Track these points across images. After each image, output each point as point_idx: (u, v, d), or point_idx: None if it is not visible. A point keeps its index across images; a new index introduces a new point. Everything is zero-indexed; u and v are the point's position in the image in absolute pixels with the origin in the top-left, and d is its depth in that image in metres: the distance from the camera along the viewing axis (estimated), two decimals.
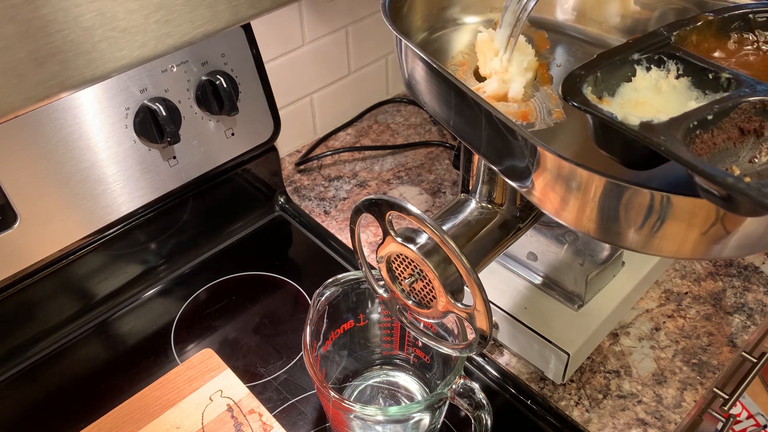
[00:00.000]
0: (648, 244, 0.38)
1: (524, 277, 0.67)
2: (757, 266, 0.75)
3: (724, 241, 0.37)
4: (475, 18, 0.58)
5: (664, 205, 0.36)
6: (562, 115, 0.48)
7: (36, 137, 0.60)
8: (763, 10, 0.42)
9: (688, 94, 0.40)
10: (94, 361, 0.69)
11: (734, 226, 0.36)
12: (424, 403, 0.51)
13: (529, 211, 0.55)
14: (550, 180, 0.39)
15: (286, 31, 0.85)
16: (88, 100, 0.62)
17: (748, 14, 0.42)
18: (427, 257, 0.47)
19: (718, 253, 0.38)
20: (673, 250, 0.38)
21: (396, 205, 0.46)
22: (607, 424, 0.61)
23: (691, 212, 0.36)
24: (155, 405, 0.62)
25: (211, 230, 0.81)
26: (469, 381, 0.51)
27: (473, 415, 0.51)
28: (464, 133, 0.46)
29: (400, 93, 1.07)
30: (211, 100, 0.70)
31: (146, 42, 0.30)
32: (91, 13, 0.28)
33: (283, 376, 0.66)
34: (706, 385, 0.63)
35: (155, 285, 0.76)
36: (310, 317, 0.56)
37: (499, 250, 0.55)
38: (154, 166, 0.69)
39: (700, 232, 0.36)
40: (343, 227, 0.83)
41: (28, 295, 0.67)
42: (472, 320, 0.47)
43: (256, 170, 0.82)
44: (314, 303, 0.56)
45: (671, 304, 0.71)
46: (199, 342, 0.70)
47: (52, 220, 0.64)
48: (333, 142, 0.97)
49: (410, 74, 0.48)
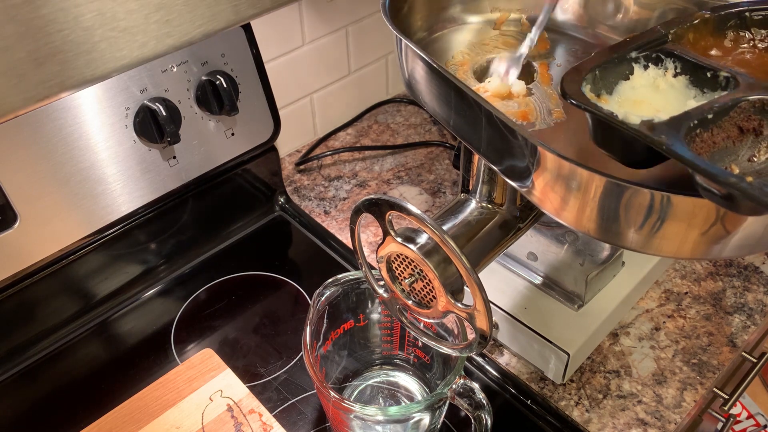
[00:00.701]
0: (648, 244, 0.38)
1: (524, 277, 0.67)
2: (757, 266, 0.75)
3: (724, 241, 0.37)
4: (475, 18, 0.58)
5: (665, 205, 0.36)
6: (562, 114, 0.48)
7: (36, 137, 0.60)
8: (758, 8, 0.42)
9: (686, 93, 0.40)
10: (94, 361, 0.69)
11: (734, 226, 0.36)
12: (424, 403, 0.51)
13: (529, 211, 0.55)
14: (550, 180, 0.39)
15: (286, 31, 0.85)
16: (88, 100, 0.62)
17: (744, 12, 0.42)
18: (427, 257, 0.47)
19: (718, 253, 0.38)
20: (673, 250, 0.38)
21: (396, 205, 0.46)
22: (607, 424, 0.61)
23: (691, 212, 0.36)
24: (155, 405, 0.62)
25: (211, 230, 0.81)
26: (469, 381, 0.51)
27: (473, 415, 0.51)
28: (464, 133, 0.46)
29: (400, 93, 1.07)
30: (211, 100, 0.70)
31: (146, 42, 0.30)
32: (91, 13, 0.28)
33: (283, 376, 0.66)
34: (706, 385, 0.63)
35: (155, 285, 0.76)
36: (310, 317, 0.56)
37: (499, 250, 0.55)
38: (154, 166, 0.69)
39: (700, 232, 0.36)
40: (343, 227, 0.83)
41: (28, 295, 0.67)
42: (472, 320, 0.47)
43: (256, 170, 0.82)
44: (314, 303, 0.56)
45: (671, 304, 0.71)
46: (199, 342, 0.70)
47: (52, 220, 0.64)
48: (333, 142, 0.97)
49: (410, 74, 0.48)
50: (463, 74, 0.52)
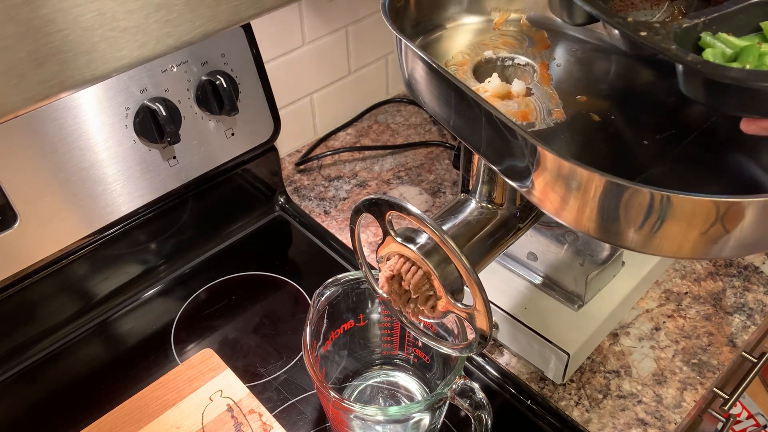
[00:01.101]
0: (648, 244, 0.38)
1: (524, 277, 0.67)
2: (757, 266, 0.75)
3: (723, 240, 0.37)
4: (475, 18, 0.58)
5: (664, 205, 0.36)
6: (562, 114, 0.48)
7: (36, 137, 0.60)
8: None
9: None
10: (94, 361, 0.69)
11: (734, 226, 0.36)
12: (424, 403, 0.51)
13: (529, 211, 0.55)
14: (550, 180, 0.39)
15: (286, 31, 0.85)
16: (88, 100, 0.62)
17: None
18: (427, 257, 0.47)
19: (717, 252, 0.38)
20: (673, 249, 0.38)
21: (396, 205, 0.46)
22: (607, 424, 0.61)
23: (692, 212, 0.36)
24: (155, 405, 0.62)
25: (211, 230, 0.81)
26: (469, 381, 0.51)
27: (473, 415, 0.51)
28: (464, 133, 0.46)
29: (400, 93, 1.07)
30: (211, 100, 0.70)
31: (146, 42, 0.30)
32: (91, 13, 0.28)
33: (283, 376, 0.66)
34: (706, 385, 0.63)
35: (155, 285, 0.76)
36: (310, 317, 0.56)
37: (499, 250, 0.55)
38: (154, 166, 0.69)
39: (700, 231, 0.36)
40: (343, 227, 0.83)
41: (28, 295, 0.67)
42: (472, 320, 0.47)
43: (256, 170, 0.82)
44: (314, 303, 0.56)
45: (671, 304, 0.71)
46: (199, 342, 0.70)
47: (52, 220, 0.64)
48: (333, 142, 0.97)
49: (410, 74, 0.48)
50: (462, 74, 0.52)
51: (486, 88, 0.50)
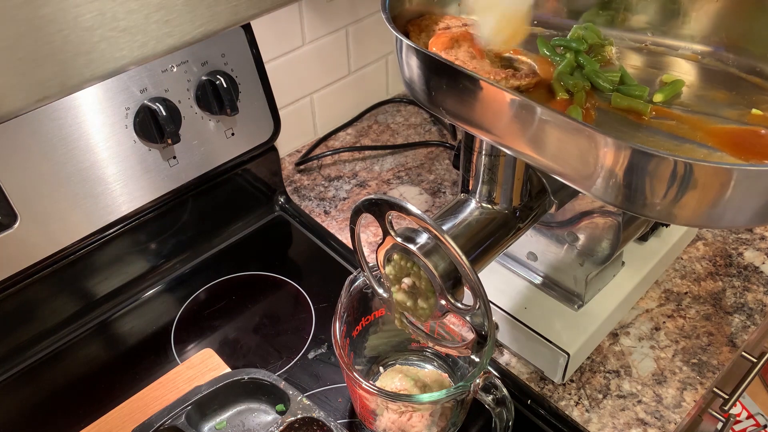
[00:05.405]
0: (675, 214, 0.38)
1: (524, 277, 0.67)
2: (757, 266, 0.75)
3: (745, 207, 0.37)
4: (473, 16, 0.58)
5: (687, 172, 0.35)
6: None
7: (36, 137, 0.60)
8: None
9: None
10: (94, 361, 0.69)
11: None
12: (446, 393, 0.51)
13: (529, 211, 0.55)
14: None
15: (286, 31, 0.85)
16: (88, 100, 0.62)
17: None
18: (427, 257, 0.47)
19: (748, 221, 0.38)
20: (693, 217, 0.38)
21: (396, 205, 0.46)
22: (607, 424, 0.61)
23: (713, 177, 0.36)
24: (155, 405, 0.62)
25: (211, 230, 0.81)
26: (492, 377, 0.51)
27: (494, 412, 0.51)
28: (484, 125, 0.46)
29: (400, 93, 1.07)
30: (211, 100, 0.70)
31: (146, 42, 0.30)
32: (91, 13, 0.28)
33: (283, 376, 0.66)
34: (706, 385, 0.63)
35: (155, 285, 0.76)
36: (341, 301, 0.56)
37: (499, 250, 0.55)
38: (154, 166, 0.69)
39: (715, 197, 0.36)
40: (343, 227, 0.83)
41: (28, 295, 0.67)
42: (472, 320, 0.47)
43: (256, 170, 0.82)
44: (347, 287, 0.57)
45: (671, 304, 0.71)
46: (199, 342, 0.70)
47: (52, 220, 0.64)
48: (333, 142, 0.97)
49: (410, 74, 0.48)
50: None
51: None
